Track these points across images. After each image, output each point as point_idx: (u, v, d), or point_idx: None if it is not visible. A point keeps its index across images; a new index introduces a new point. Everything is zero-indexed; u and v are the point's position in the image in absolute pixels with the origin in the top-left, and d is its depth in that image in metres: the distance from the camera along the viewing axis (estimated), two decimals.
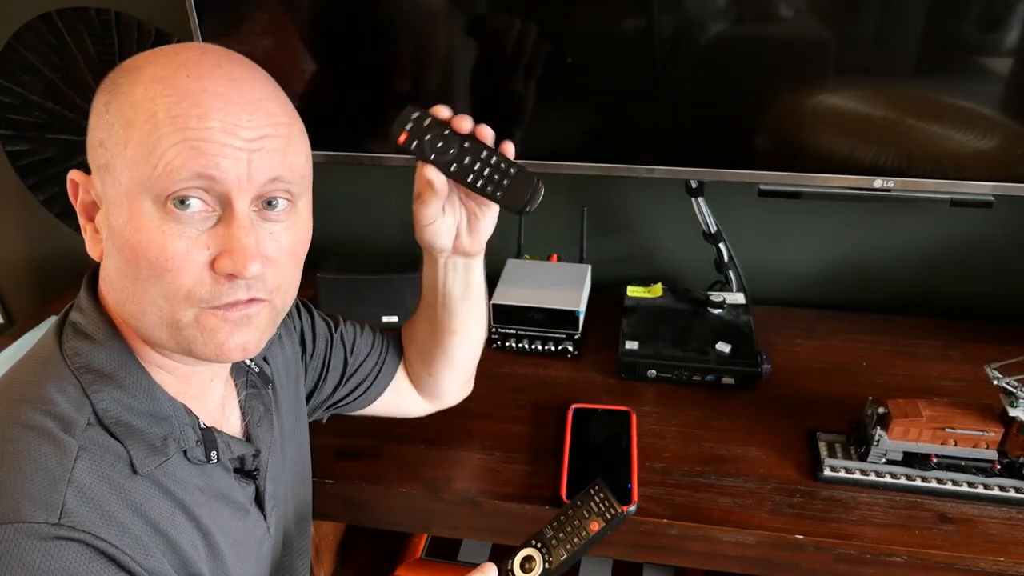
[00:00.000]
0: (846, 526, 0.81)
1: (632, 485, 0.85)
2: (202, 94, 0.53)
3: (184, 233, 0.53)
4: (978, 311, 1.21)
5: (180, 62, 0.54)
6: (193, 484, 0.59)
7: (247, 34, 1.03)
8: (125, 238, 0.53)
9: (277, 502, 0.69)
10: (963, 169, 0.94)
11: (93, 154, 0.55)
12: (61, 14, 1.18)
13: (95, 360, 0.56)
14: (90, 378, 0.56)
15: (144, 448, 0.56)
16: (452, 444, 0.94)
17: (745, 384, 1.01)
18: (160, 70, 0.53)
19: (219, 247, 0.54)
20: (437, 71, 1.03)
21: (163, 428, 0.57)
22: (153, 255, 0.53)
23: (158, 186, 0.52)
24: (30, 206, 1.39)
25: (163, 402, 0.58)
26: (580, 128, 1.03)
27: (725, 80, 0.95)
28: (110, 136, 0.53)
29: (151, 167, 0.52)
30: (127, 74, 0.54)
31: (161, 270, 0.53)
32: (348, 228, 1.36)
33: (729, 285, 1.18)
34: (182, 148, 0.52)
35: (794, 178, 0.98)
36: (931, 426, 0.82)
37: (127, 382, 0.57)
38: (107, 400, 0.55)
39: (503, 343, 1.11)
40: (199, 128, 0.52)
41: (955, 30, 0.87)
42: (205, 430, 0.61)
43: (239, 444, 0.64)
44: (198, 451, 0.59)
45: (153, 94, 0.52)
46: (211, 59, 0.55)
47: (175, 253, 0.53)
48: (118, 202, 0.53)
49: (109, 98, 0.54)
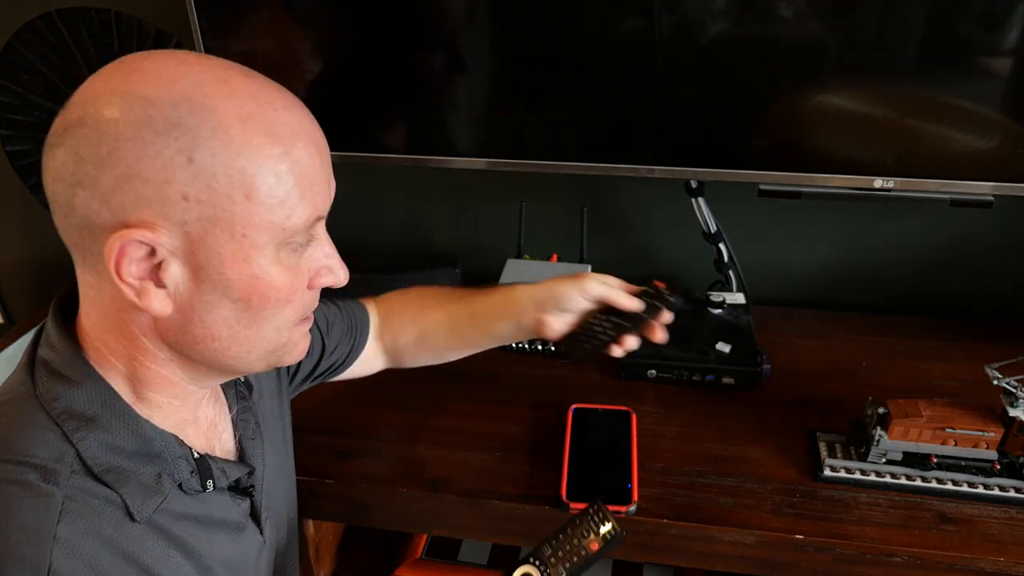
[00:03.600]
0: (846, 526, 0.81)
1: (632, 485, 0.85)
2: (299, 128, 0.53)
3: (295, 264, 0.55)
4: (978, 311, 1.21)
5: (250, 92, 0.51)
6: (189, 516, 0.58)
7: (247, 34, 1.03)
8: (254, 286, 0.53)
9: (271, 513, 0.69)
10: (963, 169, 0.94)
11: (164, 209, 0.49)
12: (61, 14, 1.18)
13: (76, 403, 0.53)
14: (73, 424, 0.53)
15: (140, 492, 0.54)
16: (452, 444, 0.94)
17: (745, 384, 1.01)
18: (238, 105, 0.50)
19: (315, 266, 0.57)
20: (439, 70, 1.03)
21: (156, 465, 0.56)
22: (283, 295, 0.54)
23: (288, 232, 0.52)
24: (30, 206, 1.39)
25: (153, 438, 0.56)
26: (580, 128, 1.03)
27: (725, 80, 0.95)
28: (210, 188, 0.49)
29: (284, 216, 0.52)
30: (192, 113, 0.48)
31: (284, 304, 0.55)
32: (348, 228, 1.36)
33: (729, 285, 1.18)
34: (307, 198, 0.53)
35: (794, 178, 0.98)
36: (931, 426, 0.82)
37: (113, 424, 0.54)
38: (94, 446, 0.53)
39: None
40: (312, 169, 0.53)
41: (955, 30, 0.87)
42: (199, 459, 0.59)
43: (234, 467, 0.63)
44: (193, 482, 0.58)
45: (262, 137, 0.50)
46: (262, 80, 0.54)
47: (298, 286, 0.56)
48: (239, 253, 0.51)
49: (183, 145, 0.48)
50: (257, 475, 0.66)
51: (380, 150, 1.07)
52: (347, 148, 1.07)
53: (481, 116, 1.05)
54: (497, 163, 1.05)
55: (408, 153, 1.07)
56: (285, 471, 0.76)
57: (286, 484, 0.76)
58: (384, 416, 0.99)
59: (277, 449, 0.74)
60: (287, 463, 0.77)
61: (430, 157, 1.06)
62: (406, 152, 1.07)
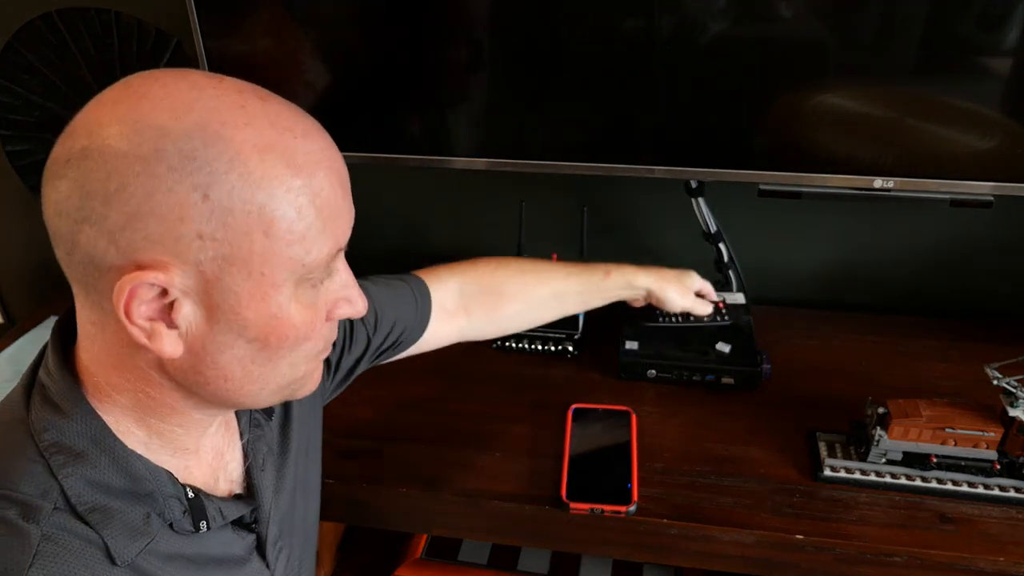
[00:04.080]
0: (846, 526, 0.81)
1: (632, 485, 0.85)
2: (321, 156, 0.50)
3: (313, 300, 0.53)
4: (978, 311, 1.21)
5: (267, 118, 0.48)
6: (180, 557, 0.55)
7: (247, 34, 1.03)
8: (272, 326, 0.50)
9: (285, 542, 0.66)
10: (963, 169, 0.94)
11: (178, 247, 0.46)
12: (61, 14, 1.18)
13: (65, 436, 0.51)
14: (61, 459, 0.50)
15: (124, 534, 0.51)
16: (452, 444, 0.94)
17: (745, 384, 1.01)
18: (256, 134, 0.47)
19: (333, 297, 0.55)
20: (439, 70, 1.03)
21: (145, 505, 0.53)
22: (301, 332, 0.52)
23: (308, 269, 0.50)
24: (30, 206, 1.39)
25: (143, 477, 0.53)
26: (580, 128, 1.03)
27: (725, 80, 0.95)
28: (226, 225, 0.46)
29: (303, 251, 0.49)
30: (207, 145, 0.45)
31: (303, 340, 0.52)
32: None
33: (729, 285, 1.18)
34: (328, 231, 0.50)
35: (794, 178, 0.98)
36: (931, 426, 0.82)
37: (101, 460, 0.51)
38: (80, 483, 0.50)
39: (503, 343, 1.11)
40: (333, 200, 0.50)
41: (955, 30, 0.87)
42: (193, 499, 0.56)
43: (232, 506, 0.59)
44: (185, 522, 0.55)
45: (281, 170, 0.47)
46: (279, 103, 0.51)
47: (315, 321, 0.53)
48: (256, 293, 0.48)
49: (198, 182, 0.45)
50: (263, 509, 0.63)
51: (380, 150, 1.07)
52: (347, 148, 1.06)
53: (481, 116, 1.05)
54: (497, 163, 1.05)
55: (408, 153, 1.07)
56: (308, 487, 0.73)
57: (308, 503, 0.73)
58: (384, 416, 0.99)
59: (301, 464, 0.70)
60: (313, 476, 0.74)
61: (430, 157, 1.06)
62: (406, 152, 1.07)
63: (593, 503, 0.82)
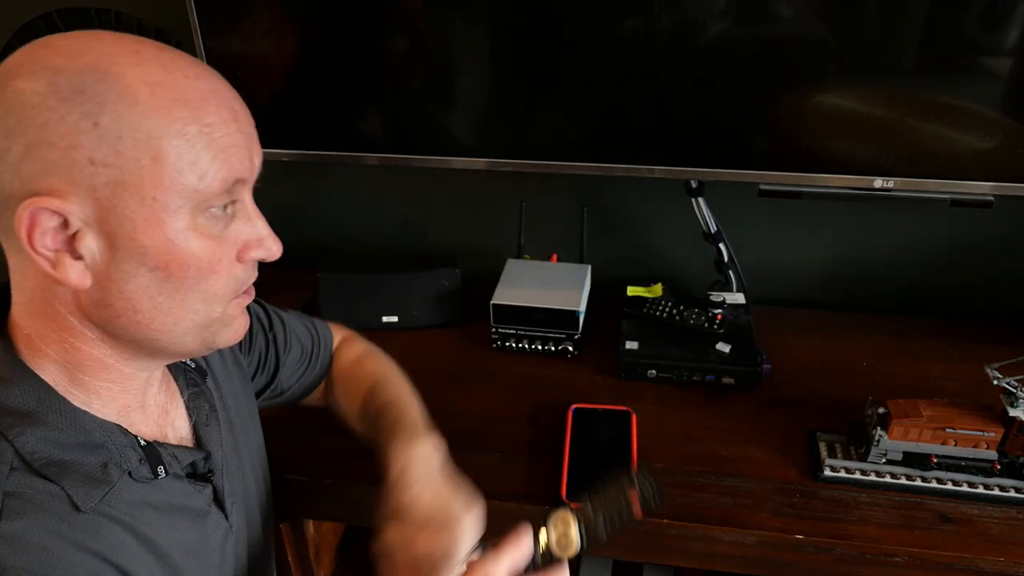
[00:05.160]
0: (846, 526, 0.81)
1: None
2: (214, 95, 0.53)
3: (218, 234, 0.54)
4: (978, 311, 1.21)
5: (159, 61, 0.51)
6: (143, 503, 0.57)
7: (247, 34, 1.03)
8: (171, 253, 0.52)
9: (237, 498, 0.68)
10: (963, 169, 0.94)
11: (72, 175, 0.49)
12: (61, 14, 1.18)
13: (9, 400, 0.53)
14: (9, 421, 0.52)
15: (83, 483, 0.53)
16: (452, 444, 0.94)
17: (745, 384, 1.01)
18: (147, 72, 0.50)
19: (244, 238, 0.56)
20: (440, 70, 1.03)
21: (100, 455, 0.55)
22: (205, 263, 0.53)
23: (202, 197, 0.52)
24: None
25: (93, 430, 0.55)
26: (580, 128, 1.03)
27: (725, 80, 0.95)
28: (117, 152, 0.49)
29: (195, 179, 0.51)
30: (99, 80, 0.49)
31: (208, 274, 0.54)
32: (348, 228, 1.36)
33: (729, 285, 1.18)
34: (222, 158, 0.52)
35: (794, 178, 0.98)
36: (931, 426, 0.82)
37: (50, 417, 0.53)
38: (32, 441, 0.52)
39: (503, 343, 1.11)
40: (227, 134, 0.53)
41: (955, 30, 0.87)
42: (146, 446, 0.58)
43: (186, 452, 0.62)
44: (143, 469, 0.57)
45: (169, 101, 0.50)
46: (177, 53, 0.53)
47: (221, 255, 0.55)
48: (151, 218, 0.51)
49: (88, 110, 0.48)
50: (215, 459, 0.65)
51: (380, 150, 1.07)
52: (347, 148, 1.07)
53: (481, 116, 1.05)
54: (497, 163, 1.05)
55: (408, 153, 1.07)
56: (254, 450, 0.75)
57: (255, 464, 0.75)
58: None
59: (245, 429, 0.73)
60: (255, 441, 0.76)
61: (430, 157, 1.06)
62: (406, 152, 1.07)
63: None
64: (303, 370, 0.86)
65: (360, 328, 1.15)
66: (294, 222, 1.33)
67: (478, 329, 1.14)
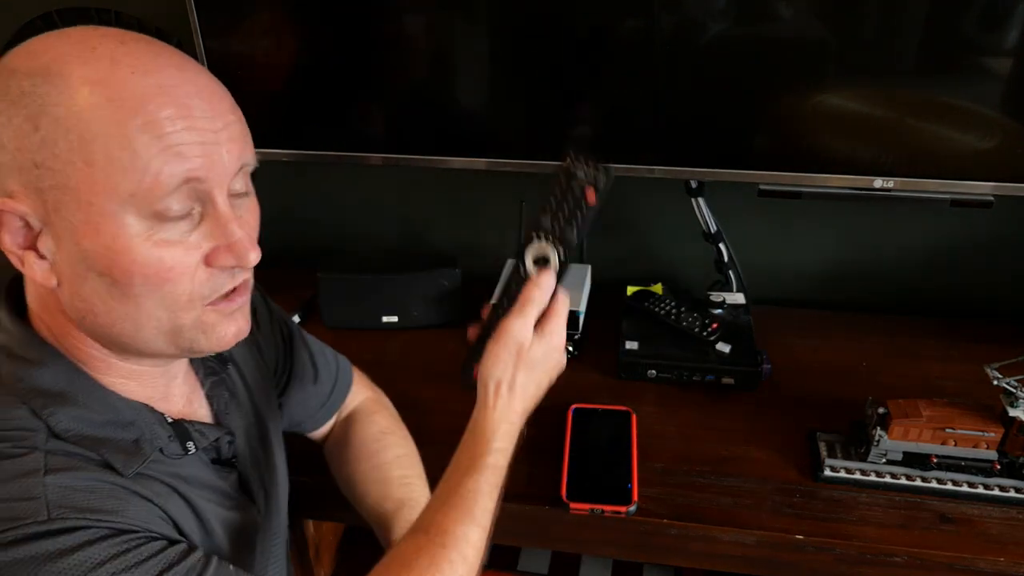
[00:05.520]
0: (846, 526, 0.81)
1: (632, 485, 0.85)
2: (161, 92, 0.49)
3: (176, 240, 0.52)
4: (978, 311, 1.21)
5: (111, 57, 0.49)
6: (178, 477, 0.58)
7: (247, 34, 1.03)
8: (111, 259, 0.50)
9: (262, 487, 0.69)
10: (963, 169, 0.94)
11: (22, 177, 0.49)
12: (61, 14, 1.18)
13: (41, 381, 0.53)
14: (41, 401, 0.52)
15: (119, 453, 0.54)
16: (452, 444, 0.94)
17: (745, 384, 1.01)
18: (92, 71, 0.48)
19: (211, 243, 0.53)
20: (440, 70, 1.03)
21: (131, 432, 0.56)
22: (151, 270, 0.51)
23: (144, 200, 0.49)
24: None
25: (123, 408, 0.56)
26: (581, 128, 1.03)
27: (725, 80, 0.95)
28: (55, 155, 0.48)
29: (134, 182, 0.49)
30: (45, 81, 0.48)
31: (160, 282, 0.52)
32: (348, 228, 1.36)
33: (729, 285, 1.18)
34: (164, 156, 0.49)
35: (794, 178, 0.98)
36: (931, 426, 0.82)
37: (81, 397, 0.54)
38: (65, 420, 0.52)
39: None
40: (173, 131, 0.49)
41: (955, 30, 0.87)
42: (174, 423, 0.59)
43: (212, 428, 0.63)
44: (173, 445, 0.58)
45: (103, 100, 0.48)
46: (141, 48, 0.51)
47: (174, 263, 0.52)
48: (89, 223, 0.49)
49: (31, 113, 0.48)
50: (239, 445, 0.66)
51: (380, 150, 1.07)
52: (347, 148, 1.07)
53: (481, 116, 1.05)
54: (497, 163, 1.05)
55: (408, 153, 1.07)
56: (275, 442, 0.75)
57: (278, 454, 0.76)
58: None
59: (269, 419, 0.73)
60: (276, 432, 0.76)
61: (430, 157, 1.06)
62: (406, 152, 1.07)
63: (593, 503, 0.82)
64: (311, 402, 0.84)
65: (360, 328, 1.15)
66: (294, 222, 1.33)
67: None
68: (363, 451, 0.82)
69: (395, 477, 0.79)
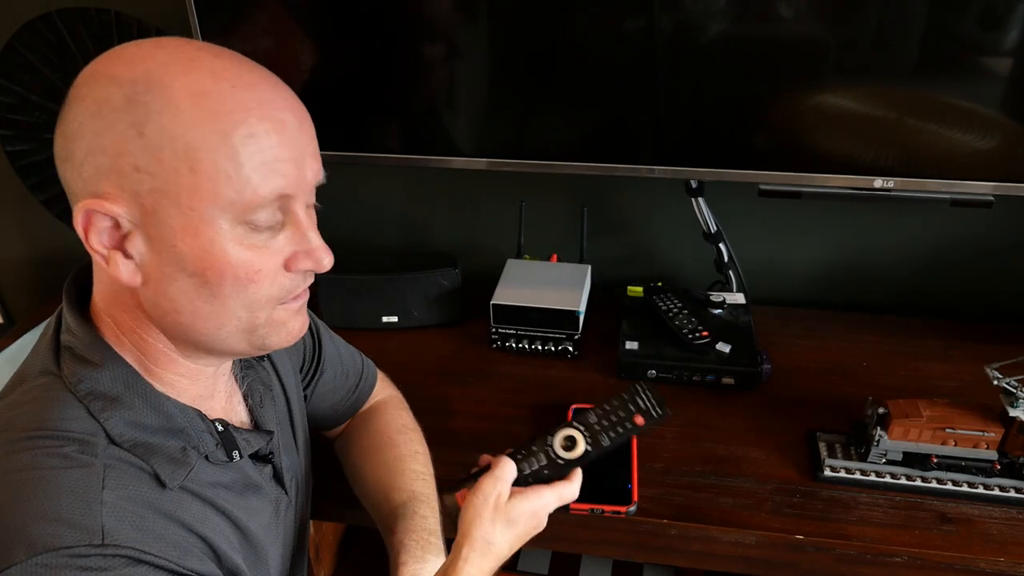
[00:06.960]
0: (846, 526, 0.81)
1: (632, 485, 0.85)
2: (259, 106, 0.53)
3: (262, 245, 0.55)
4: (978, 311, 1.21)
5: (211, 70, 0.52)
6: (218, 484, 0.61)
7: (247, 34, 1.03)
8: (207, 261, 0.53)
9: (292, 473, 0.72)
10: (963, 169, 0.94)
11: (120, 180, 0.51)
12: (61, 14, 1.18)
13: (100, 384, 0.56)
14: (99, 404, 0.55)
15: (168, 464, 0.57)
16: (452, 444, 0.94)
17: (745, 384, 1.01)
18: (193, 81, 0.51)
19: (291, 249, 0.57)
20: (439, 70, 1.03)
21: (180, 440, 0.59)
22: (243, 272, 0.54)
23: (241, 209, 0.53)
24: (30, 206, 1.39)
25: (175, 415, 0.59)
26: (580, 128, 1.03)
27: (725, 80, 0.95)
28: (159, 161, 0.51)
29: (235, 191, 0.52)
30: (148, 90, 0.51)
31: (247, 283, 0.55)
32: (348, 228, 1.36)
33: (729, 285, 1.18)
34: (263, 171, 0.52)
35: (794, 178, 0.98)
36: (931, 426, 0.82)
37: (136, 402, 0.57)
38: (119, 424, 0.56)
39: (503, 343, 1.11)
40: (270, 146, 0.53)
41: (955, 30, 0.87)
42: (223, 432, 0.62)
43: (256, 436, 0.66)
44: (219, 453, 0.61)
45: (208, 111, 0.51)
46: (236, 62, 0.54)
47: (262, 266, 0.55)
48: (188, 226, 0.52)
49: (136, 119, 0.50)
50: (274, 439, 0.69)
51: (380, 150, 1.07)
52: (347, 147, 1.07)
53: (481, 116, 1.05)
54: (497, 163, 1.05)
55: (408, 153, 1.07)
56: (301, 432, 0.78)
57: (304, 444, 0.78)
58: None
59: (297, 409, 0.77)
60: (303, 424, 0.79)
61: (430, 157, 1.06)
62: (406, 152, 1.07)
63: (593, 503, 0.82)
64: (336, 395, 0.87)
65: (360, 328, 1.15)
66: None
67: (478, 329, 1.14)
68: (384, 441, 0.84)
69: (411, 470, 0.81)
